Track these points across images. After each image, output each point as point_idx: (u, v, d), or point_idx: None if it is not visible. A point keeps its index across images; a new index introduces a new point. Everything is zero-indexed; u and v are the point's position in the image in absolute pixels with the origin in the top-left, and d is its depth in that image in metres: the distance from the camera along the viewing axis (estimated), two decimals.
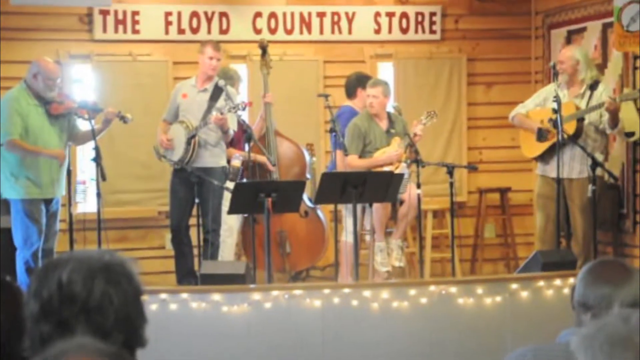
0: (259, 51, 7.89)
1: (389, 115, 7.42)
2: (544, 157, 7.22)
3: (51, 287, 1.87)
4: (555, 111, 6.70)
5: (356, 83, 7.90)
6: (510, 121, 7.48)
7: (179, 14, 8.44)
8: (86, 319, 1.85)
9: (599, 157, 7.00)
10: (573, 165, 7.01)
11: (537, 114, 7.26)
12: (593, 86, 6.95)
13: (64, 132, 6.72)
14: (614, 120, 6.95)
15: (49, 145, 6.65)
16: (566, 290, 5.94)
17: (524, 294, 5.83)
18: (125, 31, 8.35)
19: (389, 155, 7.25)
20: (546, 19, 8.83)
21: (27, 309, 1.90)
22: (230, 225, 7.60)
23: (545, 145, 7.13)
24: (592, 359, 1.71)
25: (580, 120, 6.99)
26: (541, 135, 7.11)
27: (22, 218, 6.60)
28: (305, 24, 8.70)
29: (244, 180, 7.24)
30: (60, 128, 6.71)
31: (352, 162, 7.20)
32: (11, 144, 6.59)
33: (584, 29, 8.30)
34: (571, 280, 5.97)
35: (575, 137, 6.94)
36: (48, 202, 6.69)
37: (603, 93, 7.11)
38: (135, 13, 8.36)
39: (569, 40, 8.48)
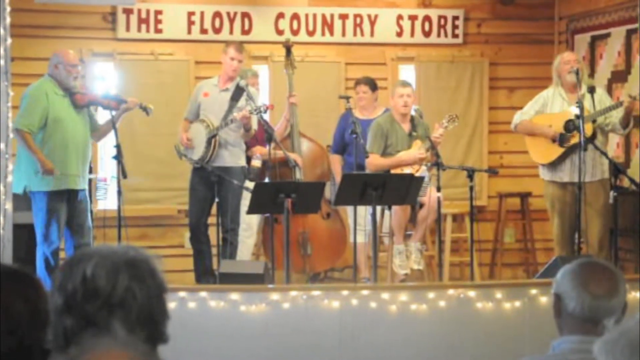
0: (281, 52, 7.92)
1: (412, 118, 7.42)
2: (554, 162, 7.15)
3: (75, 281, 1.88)
4: (578, 117, 6.66)
5: None
6: (513, 129, 7.38)
7: (202, 14, 8.47)
8: (109, 313, 1.86)
9: (606, 160, 6.95)
10: (585, 169, 6.92)
11: (542, 119, 7.19)
12: (591, 90, 6.89)
13: (86, 122, 6.79)
14: (627, 119, 6.89)
15: (75, 135, 6.70)
16: None
17: (544, 299, 5.79)
18: (148, 30, 8.38)
19: (412, 156, 7.25)
20: (570, 24, 8.80)
21: (51, 302, 1.91)
22: (251, 225, 7.62)
23: (561, 150, 7.07)
24: None
25: (594, 121, 6.94)
26: (563, 139, 7.06)
27: (43, 215, 6.63)
28: (328, 25, 8.71)
29: (266, 180, 7.25)
30: (83, 118, 6.79)
31: (374, 160, 7.20)
32: (19, 133, 6.53)
33: (607, 35, 8.26)
34: None
35: (591, 139, 6.87)
36: (74, 195, 6.70)
37: (602, 96, 7.08)
38: (158, 12, 8.40)
39: (592, 45, 8.44)
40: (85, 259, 1.90)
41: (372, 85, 7.93)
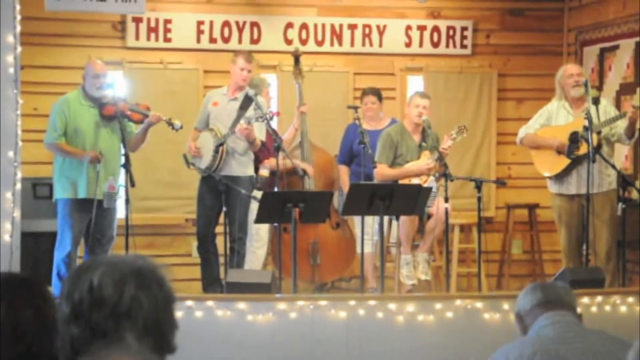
0: (290, 61, 7.92)
1: (423, 129, 7.41)
2: (560, 175, 7.13)
3: (82, 289, 1.88)
4: (586, 128, 6.64)
5: None
6: (519, 144, 7.37)
7: (211, 23, 8.49)
8: (116, 322, 1.86)
9: (612, 171, 6.92)
10: (591, 180, 6.89)
11: (547, 132, 7.17)
12: (595, 101, 6.87)
13: (115, 133, 6.81)
14: (632, 130, 6.87)
15: (96, 146, 6.76)
16: (594, 309, 5.89)
17: None
18: (157, 39, 8.41)
19: (419, 166, 7.24)
20: (579, 36, 8.79)
21: (59, 310, 1.91)
22: (262, 236, 7.61)
23: (566, 162, 7.05)
24: None
25: (599, 133, 6.92)
26: (570, 150, 7.04)
27: (60, 221, 6.77)
28: (336, 35, 8.72)
29: (275, 189, 7.25)
30: (111, 129, 6.82)
31: (382, 171, 7.20)
32: (47, 146, 6.85)
33: (616, 47, 8.26)
34: (599, 298, 5.93)
35: (597, 150, 6.85)
36: (95, 204, 6.74)
37: (607, 106, 7.05)
38: (167, 21, 8.42)
39: (601, 57, 8.43)
40: (93, 267, 1.90)
41: (379, 95, 7.95)
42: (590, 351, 2.95)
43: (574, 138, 6.94)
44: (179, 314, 1.97)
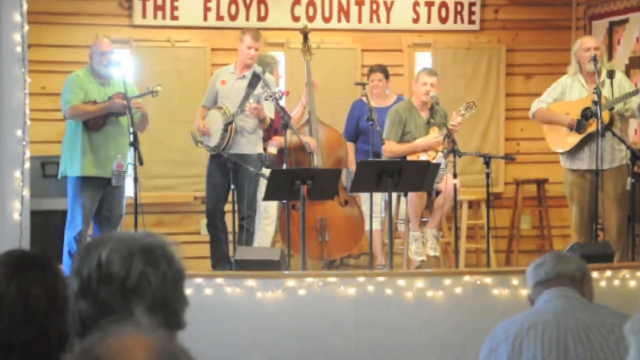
0: (298, 38, 7.89)
1: (431, 105, 7.38)
2: (572, 151, 7.10)
3: (91, 266, 1.88)
4: (595, 103, 6.61)
5: None
6: (532, 118, 7.32)
7: (218, 0, 8.46)
8: (124, 298, 1.86)
9: (624, 146, 6.88)
10: (603, 156, 6.85)
11: (560, 107, 7.12)
12: (610, 75, 6.79)
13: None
14: None
15: (104, 124, 6.77)
16: (603, 283, 5.89)
17: None
18: (164, 17, 8.39)
19: (427, 141, 7.23)
20: (588, 10, 8.74)
21: (69, 287, 1.92)
22: (271, 214, 7.62)
23: (578, 138, 7.01)
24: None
25: (611, 109, 6.86)
26: (580, 126, 7.01)
27: (70, 199, 6.77)
28: (344, 12, 8.68)
29: (284, 167, 7.25)
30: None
31: (391, 147, 7.19)
32: (70, 110, 6.74)
33: (625, 21, 8.21)
34: (608, 273, 5.93)
35: (609, 126, 6.80)
36: (105, 183, 6.77)
37: (622, 80, 6.98)
38: None
39: (610, 31, 8.38)
40: (102, 244, 1.91)
41: (386, 73, 7.94)
42: (592, 323, 2.97)
43: (586, 114, 6.90)
44: (188, 291, 1.97)
